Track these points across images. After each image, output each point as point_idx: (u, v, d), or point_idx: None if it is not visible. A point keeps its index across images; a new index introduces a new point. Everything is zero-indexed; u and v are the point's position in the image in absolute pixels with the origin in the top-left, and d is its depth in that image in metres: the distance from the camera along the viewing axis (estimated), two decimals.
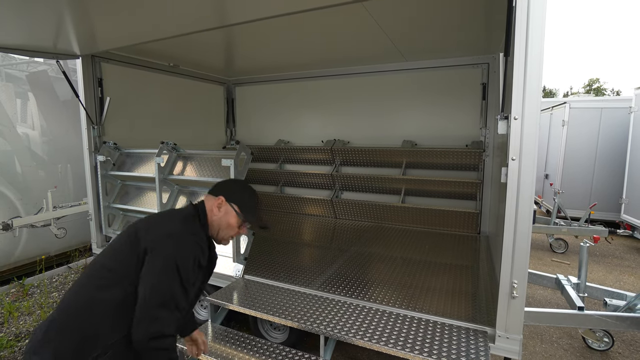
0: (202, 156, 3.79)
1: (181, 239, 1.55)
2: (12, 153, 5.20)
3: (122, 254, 1.54)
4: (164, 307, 1.45)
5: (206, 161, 3.73)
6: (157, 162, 3.79)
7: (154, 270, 1.47)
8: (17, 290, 4.57)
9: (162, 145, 3.85)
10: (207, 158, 3.74)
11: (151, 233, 1.56)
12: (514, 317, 2.26)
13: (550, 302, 4.39)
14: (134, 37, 3.52)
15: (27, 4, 2.49)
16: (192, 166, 3.82)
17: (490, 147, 4.73)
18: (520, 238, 2.18)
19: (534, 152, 2.08)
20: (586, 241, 3.39)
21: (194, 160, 3.85)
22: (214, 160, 3.68)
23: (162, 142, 3.88)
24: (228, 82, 6.76)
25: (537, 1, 1.91)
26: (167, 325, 1.45)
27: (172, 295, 1.47)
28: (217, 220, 1.75)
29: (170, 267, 1.48)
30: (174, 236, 1.55)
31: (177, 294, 1.48)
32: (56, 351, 1.38)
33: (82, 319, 1.44)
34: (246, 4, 2.63)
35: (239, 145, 3.42)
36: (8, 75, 5.62)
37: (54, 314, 1.48)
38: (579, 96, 9.84)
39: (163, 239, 1.53)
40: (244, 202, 1.81)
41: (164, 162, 3.84)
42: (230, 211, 1.77)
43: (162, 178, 3.88)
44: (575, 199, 7.72)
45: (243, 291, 3.18)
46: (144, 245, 1.51)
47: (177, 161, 3.94)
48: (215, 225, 1.76)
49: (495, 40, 4.04)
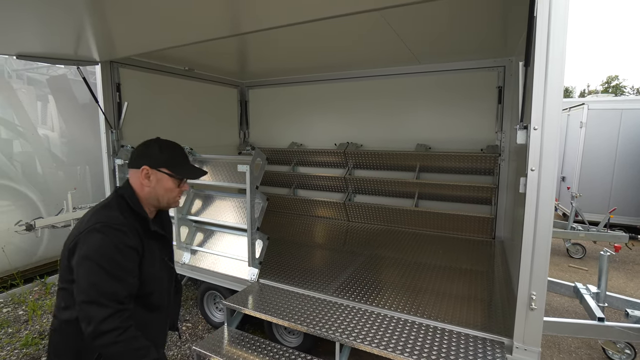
0: (218, 161, 3.84)
1: (91, 233, 1.44)
2: (34, 154, 5.35)
3: (63, 270, 1.50)
4: (94, 304, 1.37)
5: (222, 166, 3.78)
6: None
7: (77, 272, 1.41)
8: (39, 288, 4.72)
9: None
10: (222, 163, 3.79)
11: (69, 237, 1.51)
12: (532, 328, 2.24)
13: (568, 310, 4.31)
14: (152, 44, 3.58)
15: (51, 16, 2.56)
16: (208, 170, 3.87)
17: (506, 151, 4.67)
18: (539, 250, 2.15)
19: (555, 163, 2.05)
20: (606, 250, 3.32)
21: (209, 164, 3.90)
22: (229, 165, 3.72)
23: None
24: (242, 84, 6.82)
25: (559, 13, 1.88)
26: (103, 321, 1.35)
27: (99, 290, 1.38)
28: (151, 191, 1.62)
29: (87, 264, 1.40)
30: (83, 232, 1.45)
31: (105, 287, 1.39)
32: None
33: (65, 340, 1.52)
34: (262, 14, 2.65)
35: (255, 151, 3.45)
36: (29, 79, 5.78)
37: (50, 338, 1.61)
38: (598, 96, 9.60)
39: (77, 239, 1.45)
40: (170, 161, 1.65)
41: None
42: (161, 177, 1.62)
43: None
44: (594, 203, 7.55)
45: (258, 295, 3.22)
46: (66, 253, 1.48)
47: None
48: (153, 196, 1.63)
49: (512, 43, 3.99)
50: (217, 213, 3.86)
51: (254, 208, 3.43)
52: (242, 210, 3.71)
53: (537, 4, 1.91)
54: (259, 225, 3.50)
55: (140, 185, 1.62)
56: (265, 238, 3.58)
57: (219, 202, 3.94)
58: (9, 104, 5.16)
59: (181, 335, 3.66)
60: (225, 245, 3.83)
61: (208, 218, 3.89)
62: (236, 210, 3.76)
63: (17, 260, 4.97)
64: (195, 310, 4.12)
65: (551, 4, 1.88)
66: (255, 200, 3.46)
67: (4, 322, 3.90)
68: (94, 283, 1.39)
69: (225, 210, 3.84)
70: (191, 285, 4.72)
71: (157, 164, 1.62)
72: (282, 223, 5.84)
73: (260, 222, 3.50)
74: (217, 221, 3.80)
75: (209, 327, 3.81)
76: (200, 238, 4.07)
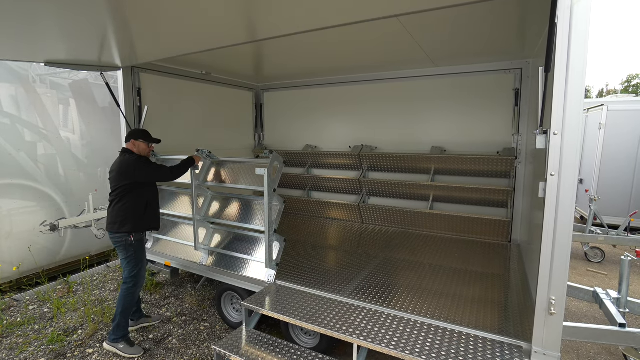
0: (236, 164, 3.92)
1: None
2: (56, 156, 5.53)
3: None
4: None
5: (240, 169, 3.85)
6: (193, 170, 3.95)
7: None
8: (62, 287, 4.87)
9: (198, 152, 4.00)
10: (240, 166, 3.86)
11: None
12: (551, 333, 2.23)
13: (587, 315, 4.25)
14: (172, 51, 3.69)
15: (77, 26, 2.67)
16: (226, 173, 3.96)
17: (523, 154, 4.63)
18: (558, 254, 2.15)
19: (575, 169, 2.05)
20: (628, 254, 3.27)
21: (227, 167, 3.98)
22: (247, 168, 3.80)
23: (197, 149, 4.04)
24: (257, 87, 6.91)
25: (580, 19, 1.88)
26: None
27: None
28: (136, 150, 3.50)
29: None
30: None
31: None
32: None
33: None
34: (280, 22, 2.71)
35: (273, 154, 3.52)
36: (52, 83, 5.96)
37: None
38: (618, 96, 9.38)
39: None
40: (142, 136, 3.54)
41: (198, 170, 4.00)
42: (139, 144, 3.51)
43: (197, 184, 4.03)
44: (613, 206, 7.40)
45: (275, 297, 3.27)
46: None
47: (212, 168, 4.09)
48: (137, 152, 3.50)
49: (530, 46, 3.96)
50: (235, 215, 3.94)
51: (271, 211, 3.49)
52: (259, 212, 3.78)
53: (558, 10, 1.91)
54: (276, 228, 3.55)
55: (132, 148, 3.51)
56: (282, 240, 3.64)
57: (236, 204, 4.01)
58: (34, 107, 5.34)
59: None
60: (242, 247, 3.90)
61: (226, 220, 3.96)
62: (253, 213, 3.83)
63: (42, 259, 5.15)
64: (213, 311, 4.20)
65: (572, 11, 1.89)
66: (273, 203, 3.52)
67: (30, 319, 4.05)
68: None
69: (242, 212, 3.91)
70: (208, 286, 4.81)
71: (136, 138, 3.52)
72: (296, 225, 5.90)
73: (277, 225, 3.56)
74: (235, 223, 3.88)
75: (226, 327, 3.88)
76: (218, 239, 4.15)
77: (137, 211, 3.43)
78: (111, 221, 3.41)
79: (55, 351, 3.49)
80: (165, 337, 3.70)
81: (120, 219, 3.36)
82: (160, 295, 4.60)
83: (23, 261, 4.97)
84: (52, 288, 4.82)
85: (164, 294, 4.66)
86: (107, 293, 4.69)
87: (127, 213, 3.38)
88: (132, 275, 3.45)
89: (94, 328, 3.82)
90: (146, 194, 3.51)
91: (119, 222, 3.36)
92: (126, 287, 3.45)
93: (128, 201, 3.39)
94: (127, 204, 3.39)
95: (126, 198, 3.38)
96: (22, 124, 5.17)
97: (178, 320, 4.02)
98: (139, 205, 3.45)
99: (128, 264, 3.44)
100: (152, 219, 3.60)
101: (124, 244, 3.39)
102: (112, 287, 4.88)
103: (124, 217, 3.36)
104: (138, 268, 3.48)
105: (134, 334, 3.73)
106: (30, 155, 5.19)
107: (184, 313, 4.17)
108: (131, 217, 3.39)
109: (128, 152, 3.49)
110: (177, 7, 2.33)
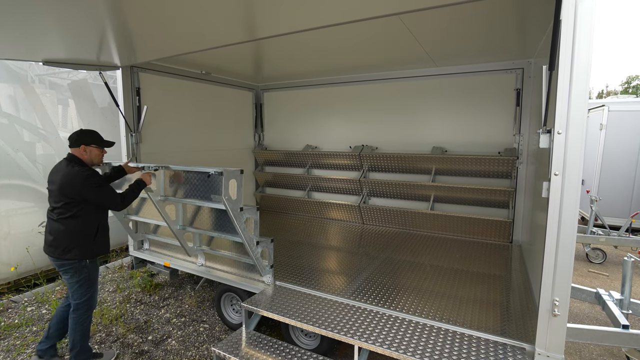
0: (191, 173, 3.39)
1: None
2: (55, 157, 5.49)
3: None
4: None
5: (199, 183, 3.34)
6: (147, 191, 3.47)
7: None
8: (61, 288, 4.84)
9: (143, 170, 3.49)
10: (198, 179, 3.34)
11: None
12: (555, 335, 2.21)
13: (589, 316, 4.22)
14: (172, 50, 3.67)
15: (76, 25, 2.64)
16: (187, 185, 3.45)
17: (524, 154, 4.61)
18: (562, 255, 2.13)
19: (579, 168, 2.02)
20: (630, 255, 3.24)
21: (186, 177, 3.44)
22: (205, 184, 3.28)
23: (142, 167, 3.50)
24: (257, 87, 6.89)
25: (584, 17, 1.86)
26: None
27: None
28: (87, 158, 2.94)
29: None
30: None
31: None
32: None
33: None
34: (280, 20, 2.69)
35: (224, 175, 2.96)
36: (51, 83, 5.94)
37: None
38: (618, 97, 9.37)
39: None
40: (93, 139, 2.96)
41: (153, 190, 3.55)
42: (91, 150, 2.94)
43: (160, 200, 3.57)
44: (615, 207, 7.37)
45: (275, 298, 3.24)
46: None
47: (168, 177, 3.58)
48: (89, 161, 2.95)
49: (531, 45, 3.94)
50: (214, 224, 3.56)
51: (246, 230, 3.19)
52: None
53: (562, 7, 1.89)
54: (258, 240, 3.33)
55: (82, 156, 2.91)
56: (269, 242, 3.43)
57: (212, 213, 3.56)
58: (33, 107, 5.31)
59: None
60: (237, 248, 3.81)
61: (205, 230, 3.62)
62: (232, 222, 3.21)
63: (40, 261, 5.11)
64: (212, 312, 4.17)
65: (577, 8, 1.86)
66: (246, 217, 3.19)
67: (28, 320, 4.02)
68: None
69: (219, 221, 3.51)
70: (208, 287, 4.78)
71: (87, 143, 2.92)
72: (297, 225, 5.87)
73: (258, 235, 3.32)
74: (216, 234, 3.52)
75: (225, 328, 3.85)
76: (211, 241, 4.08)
77: (87, 234, 2.87)
78: (53, 244, 2.84)
79: None
80: (164, 339, 3.67)
81: (65, 244, 2.81)
82: (159, 297, 4.57)
83: (21, 262, 4.93)
84: (50, 289, 4.78)
85: (163, 295, 4.63)
86: (106, 294, 4.66)
87: (74, 236, 2.82)
88: (84, 300, 2.96)
89: (93, 329, 3.79)
90: (98, 213, 2.94)
91: (64, 247, 2.81)
92: (78, 314, 2.96)
93: (75, 222, 2.81)
94: (74, 225, 2.81)
95: (72, 218, 2.80)
96: (21, 124, 5.15)
97: (177, 322, 3.99)
98: (89, 226, 2.88)
99: (80, 288, 2.92)
100: (103, 244, 3.04)
101: (75, 267, 2.87)
102: (110, 288, 4.84)
103: (70, 240, 2.81)
104: (91, 291, 3.01)
105: (133, 335, 3.70)
106: (28, 155, 5.16)
107: (183, 314, 4.14)
108: (78, 241, 2.83)
109: (76, 162, 2.85)
110: (176, 5, 2.31)
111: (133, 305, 4.37)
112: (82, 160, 2.90)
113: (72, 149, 2.90)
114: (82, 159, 2.90)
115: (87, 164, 2.92)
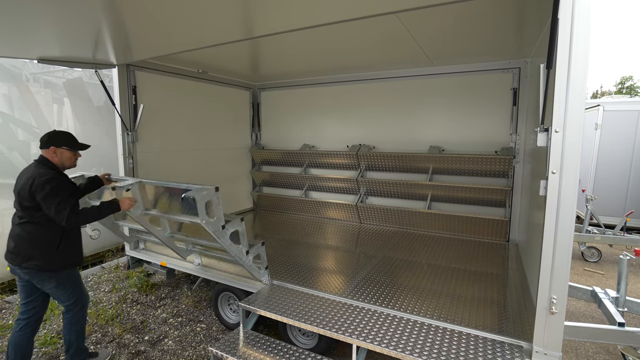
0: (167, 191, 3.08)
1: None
2: None
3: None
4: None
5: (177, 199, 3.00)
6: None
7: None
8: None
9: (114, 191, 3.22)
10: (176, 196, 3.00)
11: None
12: (552, 333, 2.21)
13: (585, 314, 4.25)
14: (168, 48, 3.65)
15: (71, 22, 2.62)
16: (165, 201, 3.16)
17: (521, 153, 4.63)
18: (559, 253, 2.13)
19: (577, 166, 2.03)
20: (626, 253, 3.27)
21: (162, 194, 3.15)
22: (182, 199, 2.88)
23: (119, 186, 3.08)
24: (254, 87, 6.87)
25: (582, 15, 1.87)
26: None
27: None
28: (58, 161, 2.72)
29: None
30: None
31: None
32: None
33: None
34: (276, 18, 2.68)
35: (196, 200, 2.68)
36: (46, 82, 5.89)
37: None
38: (612, 97, 9.45)
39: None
40: (65, 141, 2.75)
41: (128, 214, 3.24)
42: (62, 152, 2.73)
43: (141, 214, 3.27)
44: (610, 206, 7.43)
45: (273, 297, 3.23)
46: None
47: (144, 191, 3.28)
48: (59, 164, 2.74)
49: (528, 45, 3.96)
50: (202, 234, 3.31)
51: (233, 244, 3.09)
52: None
53: (560, 5, 1.89)
54: (248, 249, 3.24)
55: (52, 158, 2.70)
56: (261, 245, 3.38)
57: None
58: (27, 106, 5.26)
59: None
60: None
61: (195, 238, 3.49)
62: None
63: None
64: (210, 311, 4.15)
65: (574, 6, 1.87)
66: (231, 231, 3.05)
67: None
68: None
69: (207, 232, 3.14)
70: (205, 286, 4.75)
71: (59, 145, 2.71)
72: (294, 224, 5.86)
73: (246, 244, 3.22)
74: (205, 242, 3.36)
75: (222, 328, 3.83)
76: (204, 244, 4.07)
77: (49, 244, 2.63)
78: (13, 251, 2.64)
79: (48, 354, 3.42)
80: (160, 339, 3.65)
81: (25, 252, 2.60)
82: (155, 297, 4.54)
83: None
84: None
85: (159, 295, 4.60)
86: (102, 294, 4.62)
87: (34, 245, 2.60)
88: (73, 301, 2.84)
89: (88, 330, 3.76)
90: None
91: (23, 255, 2.60)
92: (72, 314, 2.87)
93: (35, 229, 2.60)
94: (35, 232, 2.60)
95: (33, 224, 2.60)
96: (15, 122, 5.10)
97: (174, 322, 3.96)
98: (52, 236, 2.64)
99: (61, 290, 2.76)
100: (69, 256, 2.75)
101: (40, 276, 2.66)
102: (106, 288, 4.81)
103: (30, 248, 2.60)
104: (77, 290, 2.86)
105: (129, 335, 3.68)
106: (23, 154, 5.11)
107: (180, 314, 4.12)
108: (39, 250, 2.61)
109: (44, 164, 2.64)
110: (173, 3, 2.29)
111: (129, 305, 4.34)
112: (52, 163, 2.69)
113: (43, 150, 2.69)
114: (52, 161, 2.69)
115: (57, 166, 2.71)
